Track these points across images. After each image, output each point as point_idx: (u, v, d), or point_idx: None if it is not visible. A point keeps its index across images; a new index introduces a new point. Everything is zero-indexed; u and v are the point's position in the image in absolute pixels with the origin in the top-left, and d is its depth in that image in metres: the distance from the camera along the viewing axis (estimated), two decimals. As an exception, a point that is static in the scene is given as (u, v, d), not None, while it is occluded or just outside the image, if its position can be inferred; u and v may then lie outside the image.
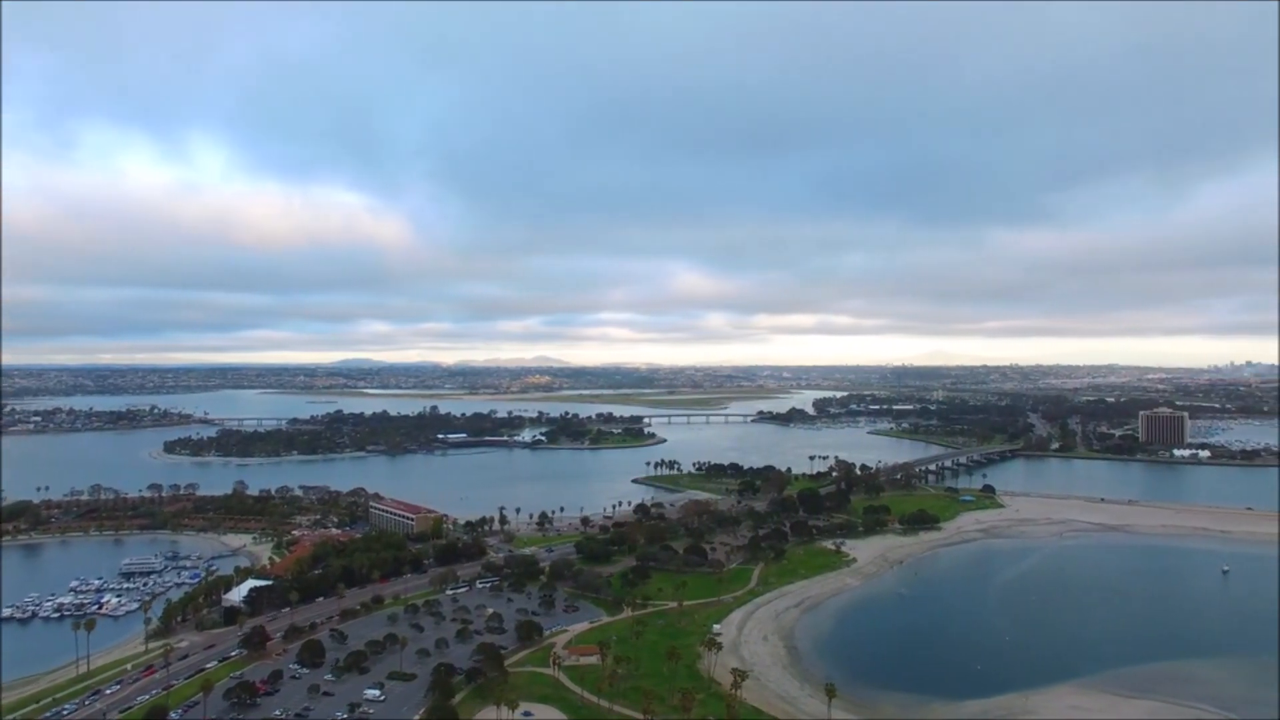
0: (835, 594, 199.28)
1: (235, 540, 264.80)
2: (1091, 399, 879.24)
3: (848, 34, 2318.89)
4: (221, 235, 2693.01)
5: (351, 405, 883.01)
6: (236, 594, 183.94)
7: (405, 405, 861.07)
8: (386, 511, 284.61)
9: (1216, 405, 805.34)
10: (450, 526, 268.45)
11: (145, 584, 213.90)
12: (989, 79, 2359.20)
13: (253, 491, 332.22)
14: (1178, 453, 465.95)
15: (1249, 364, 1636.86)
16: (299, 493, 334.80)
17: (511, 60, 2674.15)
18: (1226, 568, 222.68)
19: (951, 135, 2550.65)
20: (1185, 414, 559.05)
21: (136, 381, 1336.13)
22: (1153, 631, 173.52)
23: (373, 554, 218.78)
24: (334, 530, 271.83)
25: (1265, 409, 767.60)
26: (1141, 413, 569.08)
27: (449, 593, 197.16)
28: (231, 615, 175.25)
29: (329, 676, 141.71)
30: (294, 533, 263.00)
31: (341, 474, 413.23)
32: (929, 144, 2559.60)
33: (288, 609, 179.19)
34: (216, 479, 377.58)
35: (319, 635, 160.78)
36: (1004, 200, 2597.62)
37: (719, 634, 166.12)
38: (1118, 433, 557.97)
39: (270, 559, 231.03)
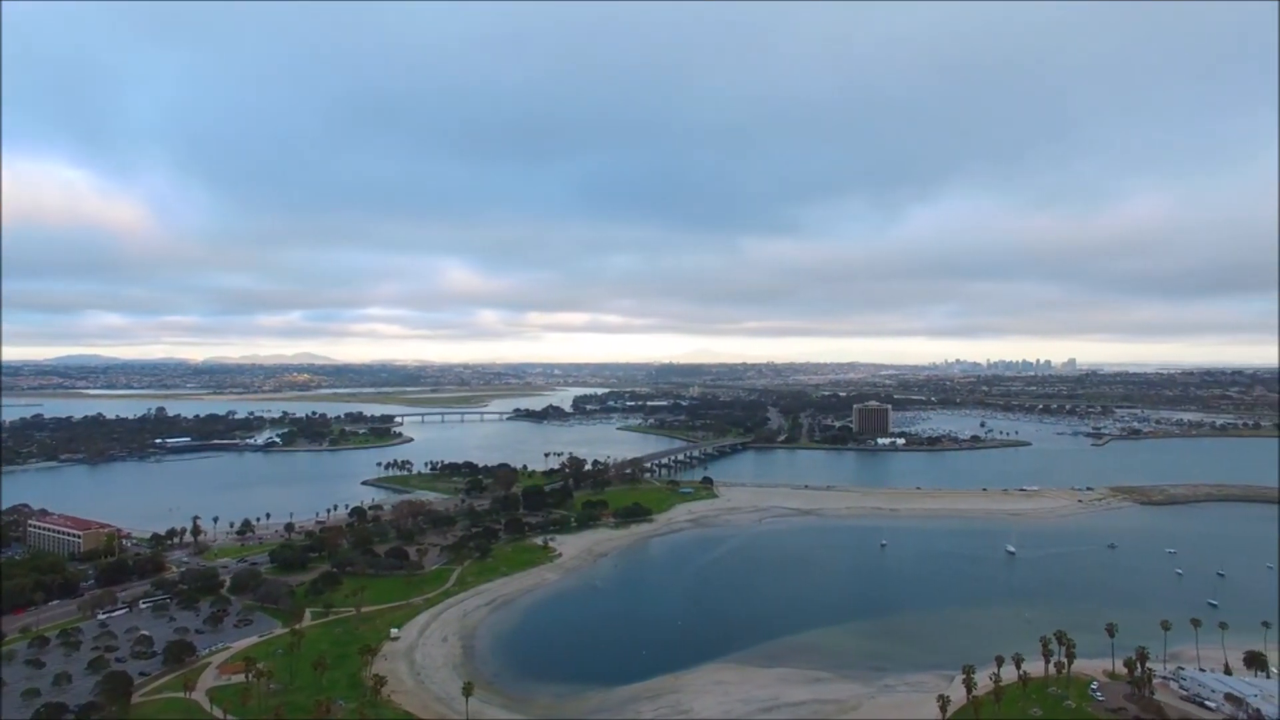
0: (530, 590, 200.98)
1: None
2: (829, 394, 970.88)
3: (602, 41, 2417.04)
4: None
5: (61, 408, 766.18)
6: None
7: (130, 407, 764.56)
8: (50, 530, 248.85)
9: (923, 398, 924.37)
10: (130, 542, 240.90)
11: None
12: (724, 101, 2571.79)
13: None
14: (881, 441, 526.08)
15: (958, 362, 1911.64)
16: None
17: (260, 44, 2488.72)
18: (885, 542, 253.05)
19: (698, 149, 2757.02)
20: (889, 407, 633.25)
21: None
22: (805, 605, 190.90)
23: (10, 581, 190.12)
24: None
25: (958, 400, 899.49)
26: (855, 405, 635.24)
27: (100, 617, 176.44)
28: None
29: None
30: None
31: (17, 489, 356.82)
32: (679, 156, 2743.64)
33: None
34: None
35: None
36: (753, 212, 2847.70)
37: (397, 638, 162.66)
38: (838, 424, 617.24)
39: None
